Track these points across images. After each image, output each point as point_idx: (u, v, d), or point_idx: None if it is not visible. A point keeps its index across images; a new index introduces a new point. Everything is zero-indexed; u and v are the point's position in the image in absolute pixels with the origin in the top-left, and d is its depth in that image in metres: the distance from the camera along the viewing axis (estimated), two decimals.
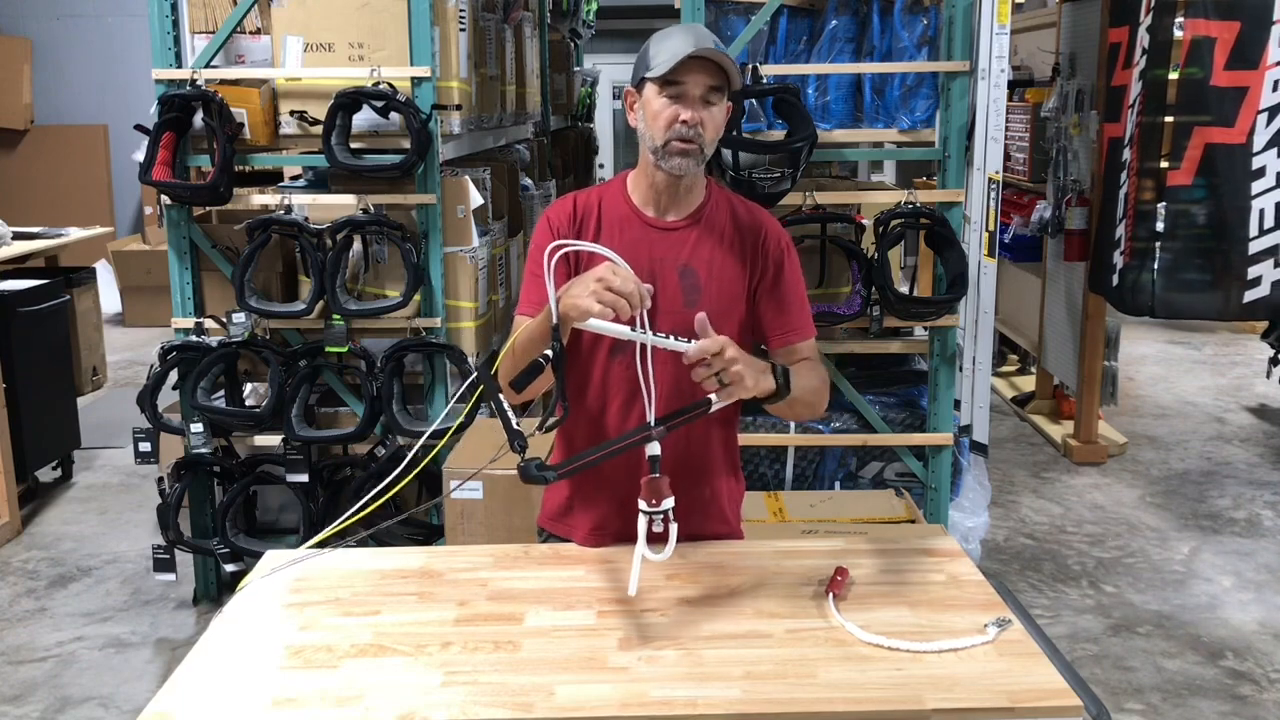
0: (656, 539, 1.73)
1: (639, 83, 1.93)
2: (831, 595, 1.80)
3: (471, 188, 3.55)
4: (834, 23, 3.46)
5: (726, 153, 3.19)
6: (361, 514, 1.93)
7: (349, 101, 3.31)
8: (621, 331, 1.75)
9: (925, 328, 3.57)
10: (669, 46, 1.87)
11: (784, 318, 2.02)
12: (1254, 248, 4.07)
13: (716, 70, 1.87)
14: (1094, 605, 3.76)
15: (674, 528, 1.73)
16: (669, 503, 1.73)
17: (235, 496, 3.59)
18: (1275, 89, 3.96)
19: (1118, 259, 4.34)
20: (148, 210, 8.44)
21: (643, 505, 1.73)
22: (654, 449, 1.75)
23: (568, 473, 1.77)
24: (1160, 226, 4.15)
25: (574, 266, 1.95)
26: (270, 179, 6.37)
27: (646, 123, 1.92)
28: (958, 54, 3.34)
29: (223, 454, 3.66)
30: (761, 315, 2.02)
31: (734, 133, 3.21)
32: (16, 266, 5.75)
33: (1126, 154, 4.28)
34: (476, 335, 3.67)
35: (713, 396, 1.78)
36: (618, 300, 1.68)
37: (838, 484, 3.66)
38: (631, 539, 1.96)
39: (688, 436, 1.99)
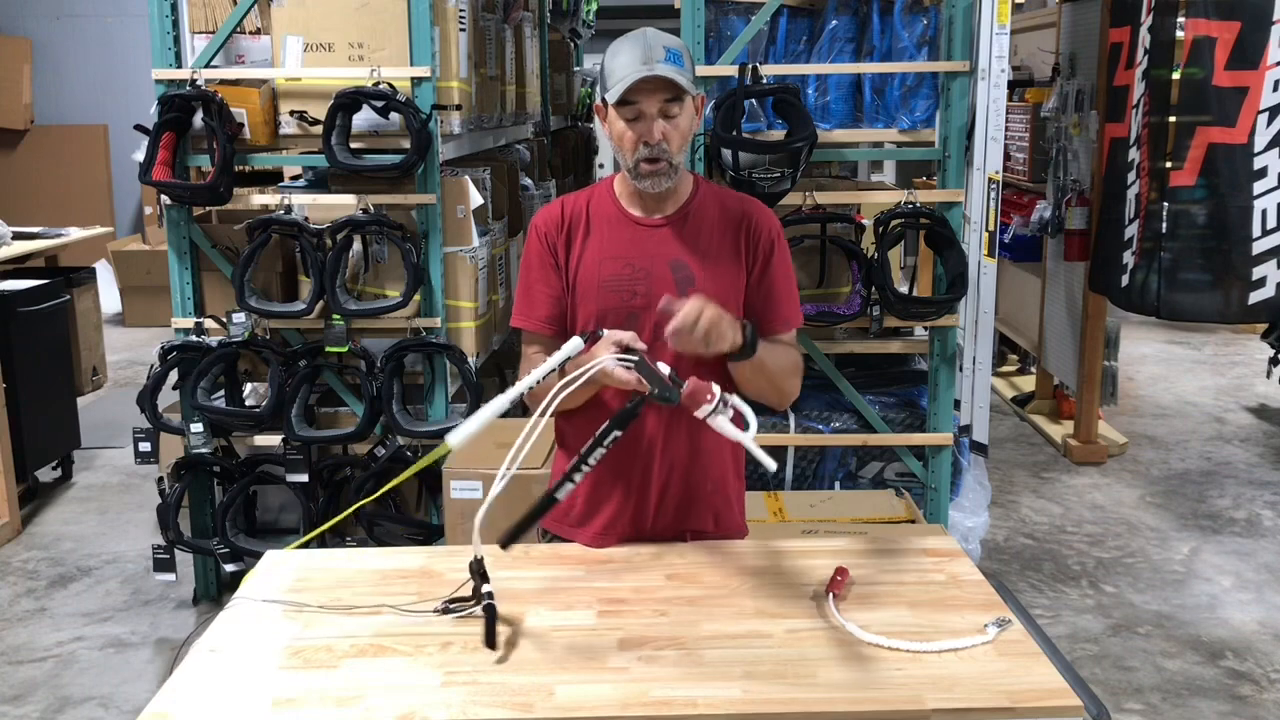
0: (737, 421, 1.75)
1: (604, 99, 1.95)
2: (831, 595, 1.80)
3: (471, 188, 3.55)
4: (834, 23, 3.46)
5: (726, 153, 3.20)
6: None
7: (349, 101, 3.30)
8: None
9: (925, 328, 3.57)
10: (619, 66, 1.88)
11: (771, 307, 2.03)
12: (1257, 248, 4.06)
13: (670, 83, 1.87)
14: (1094, 605, 3.76)
15: (743, 406, 1.75)
16: (716, 389, 1.74)
17: (235, 496, 3.59)
18: (1276, 89, 3.96)
19: (1129, 259, 4.33)
20: (148, 210, 8.44)
21: (703, 412, 1.74)
22: (661, 368, 1.77)
23: (567, 477, 1.77)
24: (1163, 227, 4.15)
25: (565, 270, 2.01)
26: (270, 179, 6.38)
27: (614, 141, 1.95)
28: (958, 54, 3.34)
29: (223, 454, 3.66)
30: (752, 305, 2.03)
31: (734, 133, 3.21)
32: (16, 266, 5.75)
33: (1134, 154, 4.27)
34: (476, 335, 3.67)
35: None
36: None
37: (838, 484, 3.66)
38: (638, 538, 2.03)
39: (701, 436, 2.01)
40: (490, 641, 1.66)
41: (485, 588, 1.73)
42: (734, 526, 2.13)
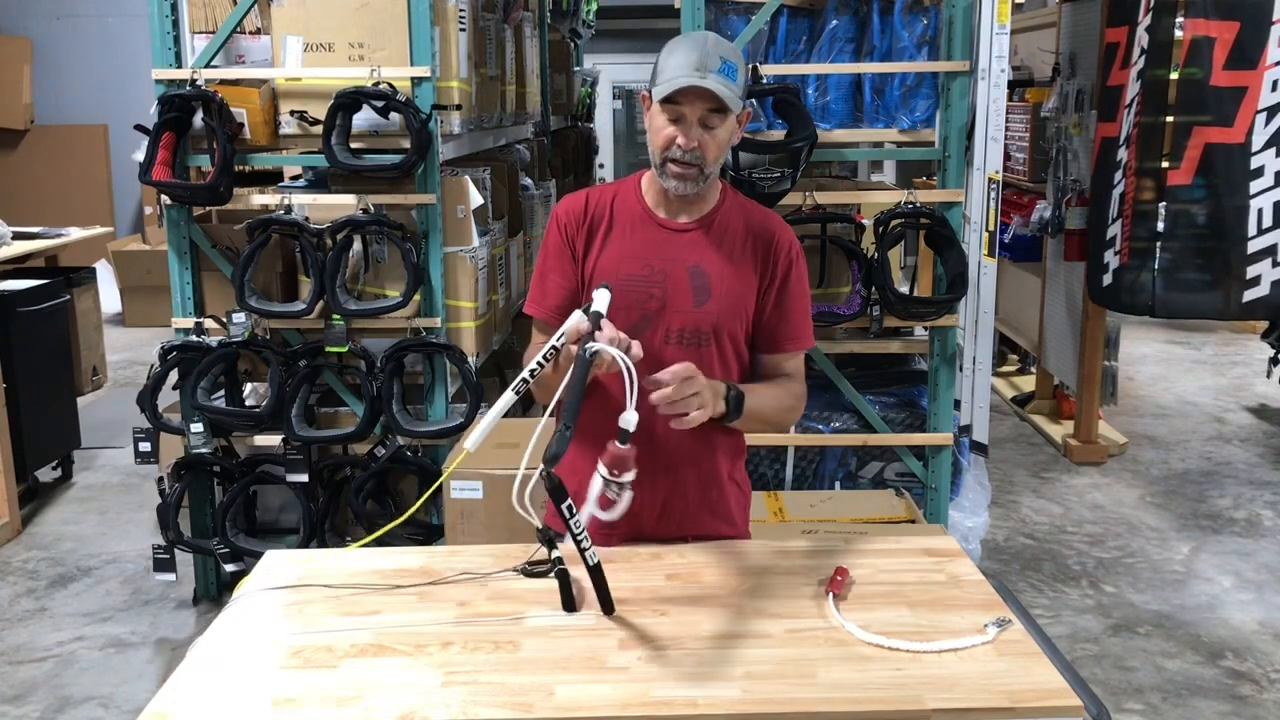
0: (609, 506, 1.72)
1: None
2: (831, 595, 1.80)
3: (471, 188, 3.55)
4: (834, 23, 3.46)
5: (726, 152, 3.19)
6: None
7: (349, 101, 3.31)
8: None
9: (925, 328, 3.57)
10: (672, 65, 1.87)
11: (783, 326, 2.02)
12: (1253, 247, 4.07)
13: (716, 95, 1.85)
14: (1094, 605, 3.76)
15: (628, 496, 1.71)
16: (629, 476, 1.70)
17: (235, 496, 3.59)
18: (1274, 89, 3.97)
19: (1110, 258, 4.34)
20: (148, 210, 8.45)
21: (603, 471, 1.69)
22: (627, 422, 1.70)
23: (563, 446, 1.69)
24: (1160, 226, 4.16)
25: (581, 264, 2.00)
26: (270, 179, 6.38)
27: (650, 134, 1.94)
28: (958, 54, 3.34)
29: (223, 454, 3.66)
30: (763, 320, 2.02)
31: None
32: (16, 266, 5.75)
33: (1123, 154, 4.28)
34: (476, 335, 3.67)
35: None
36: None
37: (838, 484, 3.66)
38: (639, 540, 2.02)
39: (695, 439, 2.00)
40: (570, 604, 1.75)
41: (555, 553, 1.75)
42: (737, 531, 2.13)
